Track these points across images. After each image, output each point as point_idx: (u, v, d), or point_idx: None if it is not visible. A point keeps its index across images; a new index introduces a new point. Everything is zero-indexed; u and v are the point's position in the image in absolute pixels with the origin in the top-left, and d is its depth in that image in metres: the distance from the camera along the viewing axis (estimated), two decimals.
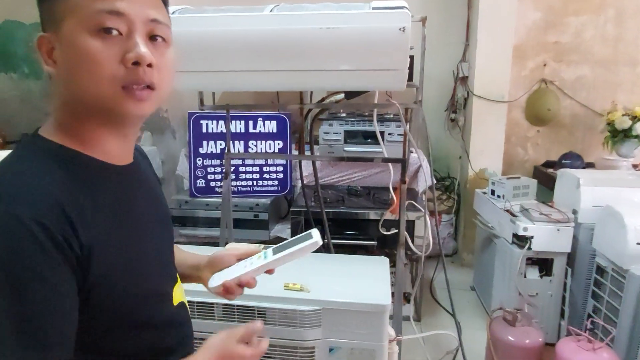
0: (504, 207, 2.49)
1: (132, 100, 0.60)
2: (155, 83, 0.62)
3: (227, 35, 1.28)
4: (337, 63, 1.30)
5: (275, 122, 2.58)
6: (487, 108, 3.18)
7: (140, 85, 0.61)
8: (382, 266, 1.41)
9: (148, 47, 0.61)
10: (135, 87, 0.60)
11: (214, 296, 1.26)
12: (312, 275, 1.34)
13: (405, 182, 1.68)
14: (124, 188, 0.68)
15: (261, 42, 1.29)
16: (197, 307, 1.25)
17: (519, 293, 2.33)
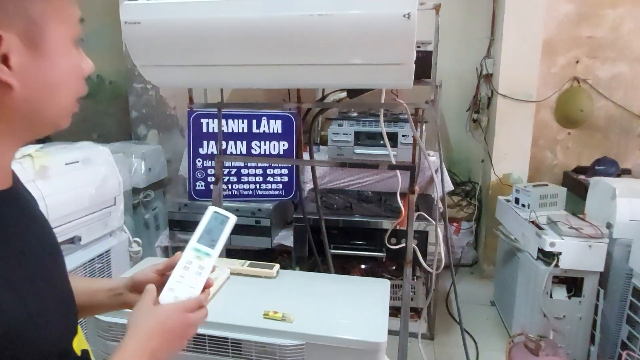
0: (529, 217, 2.26)
1: (70, 115, 0.58)
2: None
3: (205, 24, 1.11)
4: (331, 56, 1.12)
5: (280, 122, 2.41)
6: (512, 108, 2.93)
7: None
8: (382, 291, 1.22)
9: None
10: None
11: None
12: (297, 301, 1.17)
13: (415, 192, 1.48)
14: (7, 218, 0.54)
15: (245, 32, 1.12)
16: None
17: (543, 314, 2.10)
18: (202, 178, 2.45)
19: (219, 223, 0.79)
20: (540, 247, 2.07)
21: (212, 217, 0.79)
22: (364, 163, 1.97)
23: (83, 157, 1.79)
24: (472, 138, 3.33)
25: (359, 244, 2.22)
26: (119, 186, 1.97)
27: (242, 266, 1.33)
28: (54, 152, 1.68)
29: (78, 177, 1.73)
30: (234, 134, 2.40)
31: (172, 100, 3.45)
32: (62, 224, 1.65)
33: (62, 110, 0.56)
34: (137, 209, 2.97)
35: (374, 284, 1.27)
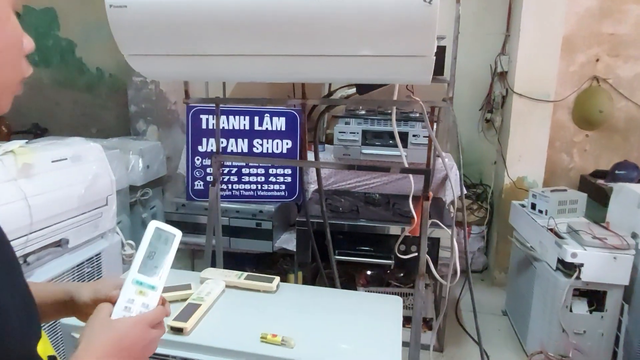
0: (547, 225, 2.12)
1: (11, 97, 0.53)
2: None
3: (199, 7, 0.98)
4: (341, 46, 0.99)
5: (284, 119, 2.28)
6: (529, 108, 2.78)
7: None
8: (394, 310, 1.09)
9: None
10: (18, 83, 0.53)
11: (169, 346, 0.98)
12: (299, 322, 1.04)
13: (429, 198, 1.35)
14: None
15: (243, 17, 0.99)
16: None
17: (562, 329, 1.97)
18: (200, 177, 2.32)
19: (163, 243, 0.69)
20: (560, 258, 1.94)
21: (153, 236, 0.68)
22: (374, 166, 1.83)
23: (72, 154, 1.66)
24: (485, 139, 3.19)
25: (365, 250, 2.09)
26: (111, 185, 1.84)
27: (239, 278, 1.20)
28: (39, 149, 1.56)
29: (66, 176, 1.61)
30: (235, 132, 2.28)
31: (173, 95, 3.32)
32: (47, 226, 1.53)
33: (3, 81, 0.50)
34: (134, 208, 2.85)
35: (384, 301, 1.14)
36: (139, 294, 0.65)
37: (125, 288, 0.65)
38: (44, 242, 1.53)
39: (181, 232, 0.71)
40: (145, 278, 0.66)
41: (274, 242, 2.27)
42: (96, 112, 3.73)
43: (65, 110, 3.77)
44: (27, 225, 1.42)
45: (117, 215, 2.50)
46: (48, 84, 3.77)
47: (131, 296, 0.65)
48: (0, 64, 0.49)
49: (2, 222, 1.26)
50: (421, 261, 1.37)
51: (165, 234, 0.69)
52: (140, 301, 0.65)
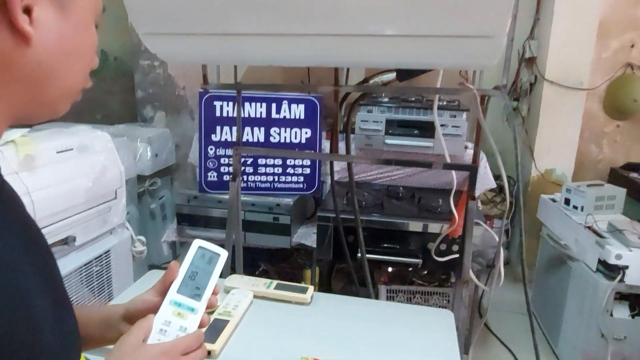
0: (584, 222, 1.98)
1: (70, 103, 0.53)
2: None
3: None
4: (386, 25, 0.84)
5: (303, 106, 2.13)
6: (560, 96, 2.62)
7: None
8: (447, 327, 0.96)
9: None
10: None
11: None
12: (342, 342, 0.91)
13: (475, 199, 1.21)
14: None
15: None
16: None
17: (601, 334, 1.84)
18: (214, 168, 2.19)
19: (206, 262, 0.64)
20: (602, 259, 1.80)
21: (196, 255, 0.65)
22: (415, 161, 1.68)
23: (78, 143, 1.53)
24: (509, 128, 3.03)
25: (390, 248, 1.96)
26: (120, 177, 1.71)
27: (268, 288, 1.07)
28: (43, 139, 1.42)
29: (72, 168, 1.48)
30: (251, 119, 2.13)
31: (182, 80, 3.17)
32: (52, 223, 1.40)
33: (68, 86, 0.51)
34: (142, 198, 2.73)
35: (434, 316, 1.01)
36: (177, 315, 0.60)
37: (162, 309, 0.60)
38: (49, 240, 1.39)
39: (227, 252, 0.66)
40: (184, 299, 0.61)
41: (291, 238, 2.15)
42: (101, 97, 3.57)
43: None
44: None
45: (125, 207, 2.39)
46: None
47: (168, 318, 0.59)
48: (75, 67, 0.51)
49: None
50: (465, 267, 1.24)
51: (209, 254, 0.65)
52: (177, 324, 0.59)
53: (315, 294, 1.08)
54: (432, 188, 2.33)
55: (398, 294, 2.13)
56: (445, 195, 2.16)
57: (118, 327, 0.65)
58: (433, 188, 2.33)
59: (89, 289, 1.56)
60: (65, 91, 0.51)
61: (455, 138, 2.12)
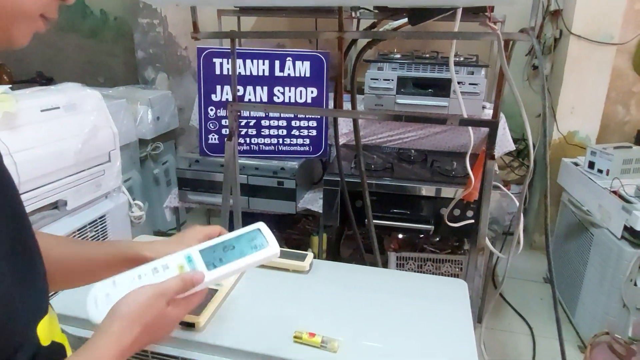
0: (610, 187, 1.85)
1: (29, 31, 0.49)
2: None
3: None
4: None
5: (308, 64, 1.99)
6: (588, 52, 2.42)
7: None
8: (460, 298, 0.86)
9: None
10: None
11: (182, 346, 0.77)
12: (341, 315, 0.82)
13: (494, 158, 1.09)
14: None
15: None
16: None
17: (623, 304, 1.74)
18: (215, 130, 2.08)
19: (250, 245, 0.60)
20: (628, 225, 1.68)
21: (250, 233, 0.61)
22: (428, 116, 1.55)
23: (66, 102, 1.43)
24: (530, 88, 2.85)
25: (401, 214, 1.86)
26: (114, 139, 1.62)
27: None
28: (25, 96, 1.32)
29: (58, 128, 1.38)
30: (253, 78, 2.00)
31: (183, 39, 3.03)
32: (38, 186, 1.32)
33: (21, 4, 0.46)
34: (144, 163, 2.65)
35: (445, 286, 0.91)
36: (179, 268, 0.56)
37: (171, 255, 0.58)
38: (37, 204, 1.32)
39: (279, 249, 0.62)
40: (198, 261, 0.57)
41: (297, 203, 2.05)
42: (102, 59, 3.46)
43: (69, 58, 3.52)
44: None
45: (127, 172, 2.30)
46: (50, 29, 3.48)
47: (169, 263, 0.56)
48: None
49: None
50: (481, 233, 1.13)
51: (261, 239, 0.60)
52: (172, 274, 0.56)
53: (316, 261, 0.99)
54: (447, 151, 2.20)
55: (408, 261, 2.04)
56: (460, 158, 2.03)
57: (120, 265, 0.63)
58: (447, 151, 2.20)
59: None
60: (19, 12, 0.46)
61: (473, 97, 1.97)
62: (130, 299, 0.53)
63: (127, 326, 0.51)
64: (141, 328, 0.51)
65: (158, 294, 0.53)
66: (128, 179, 2.33)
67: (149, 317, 0.52)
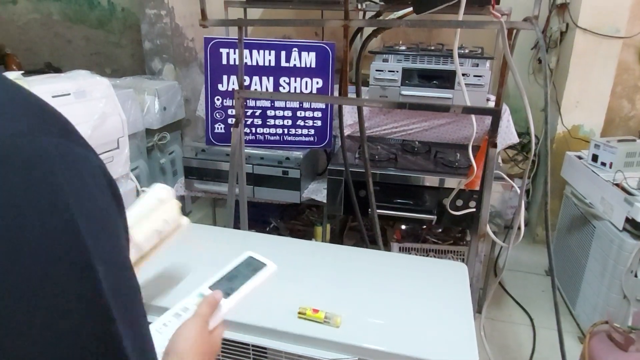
0: (612, 179, 1.86)
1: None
2: None
3: None
4: None
5: (314, 54, 2.01)
6: (594, 45, 2.43)
7: None
8: (460, 280, 0.89)
9: None
10: None
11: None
12: (346, 294, 0.84)
13: (496, 146, 1.11)
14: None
15: None
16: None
17: (623, 295, 1.76)
18: (221, 119, 2.10)
19: (250, 270, 0.65)
20: (630, 217, 1.69)
21: (243, 263, 0.67)
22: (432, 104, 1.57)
23: (76, 88, 1.45)
24: (535, 82, 2.86)
25: (404, 204, 1.88)
26: (122, 126, 1.64)
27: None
28: (37, 82, 1.35)
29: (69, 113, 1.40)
30: (259, 68, 2.02)
31: (190, 31, 3.05)
32: None
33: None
34: (151, 153, 2.68)
35: (447, 269, 0.94)
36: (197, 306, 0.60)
37: (187, 298, 0.62)
38: None
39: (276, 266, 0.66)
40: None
41: (301, 193, 2.08)
42: (110, 50, 3.49)
43: (77, 49, 3.55)
44: None
45: (134, 161, 2.34)
46: (58, 20, 3.52)
47: (188, 305, 0.60)
48: None
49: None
50: (482, 219, 1.15)
51: (256, 263, 0.66)
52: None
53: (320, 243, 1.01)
54: (450, 143, 2.22)
55: (411, 252, 2.06)
56: (464, 150, 2.05)
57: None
58: (451, 143, 2.22)
59: None
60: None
61: (477, 88, 1.99)
62: (184, 336, 0.55)
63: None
64: (200, 357, 0.55)
65: (203, 323, 0.57)
66: (135, 168, 2.36)
67: (204, 347, 0.56)
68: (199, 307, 0.58)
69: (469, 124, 2.11)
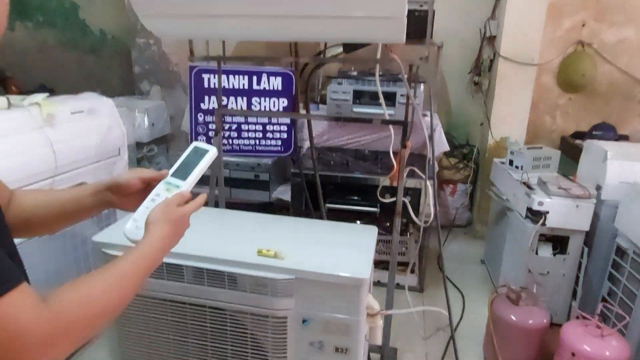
0: (520, 178, 2.32)
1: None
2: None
3: None
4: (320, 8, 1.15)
5: (280, 79, 2.44)
6: (514, 71, 2.93)
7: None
8: (369, 236, 1.30)
9: None
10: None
11: (183, 258, 1.19)
12: (289, 242, 1.25)
13: (406, 147, 1.54)
14: None
15: None
16: (166, 268, 1.18)
17: (528, 270, 2.20)
18: (203, 132, 2.51)
19: (198, 156, 0.81)
20: (529, 207, 2.14)
21: (191, 151, 0.82)
22: (358, 118, 2.01)
23: (88, 107, 1.84)
24: (473, 101, 3.35)
25: (354, 200, 2.30)
26: (122, 137, 2.03)
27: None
28: (59, 101, 1.73)
29: (83, 126, 1.80)
30: (235, 90, 2.44)
31: (175, 57, 3.46)
32: (69, 170, 1.73)
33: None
34: (141, 163, 3.05)
35: (362, 230, 1.35)
36: (165, 190, 0.78)
37: (156, 188, 0.78)
38: (67, 184, 1.73)
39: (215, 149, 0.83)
40: (173, 180, 0.79)
41: (270, 193, 2.48)
42: (101, 74, 3.86)
43: (70, 72, 3.91)
44: (52, 168, 1.62)
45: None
46: (53, 45, 3.88)
47: (158, 192, 0.78)
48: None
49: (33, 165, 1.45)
50: (398, 201, 1.57)
51: (201, 150, 0.82)
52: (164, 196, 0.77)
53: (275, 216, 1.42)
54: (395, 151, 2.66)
55: None
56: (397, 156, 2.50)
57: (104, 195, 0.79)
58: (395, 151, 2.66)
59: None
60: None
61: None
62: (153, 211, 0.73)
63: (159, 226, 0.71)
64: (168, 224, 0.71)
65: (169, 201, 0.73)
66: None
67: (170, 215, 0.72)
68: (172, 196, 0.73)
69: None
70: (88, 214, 0.83)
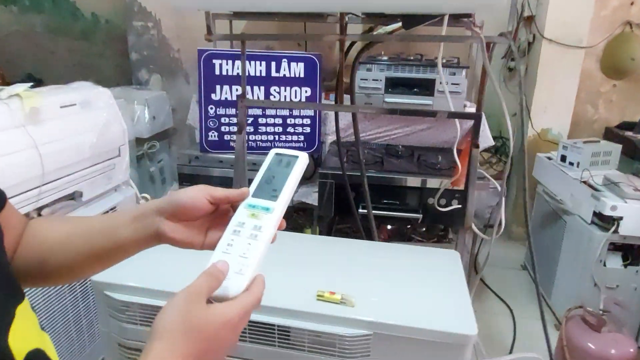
0: (580, 177, 2.03)
1: None
2: None
3: None
4: None
5: (302, 65, 2.12)
6: (559, 55, 2.63)
7: None
8: (454, 265, 1.00)
9: None
10: None
11: None
12: (356, 279, 0.95)
13: (478, 147, 1.24)
14: None
15: None
16: None
17: (594, 284, 1.92)
18: (215, 127, 2.18)
19: (284, 166, 0.60)
20: (597, 211, 1.86)
21: (273, 160, 0.61)
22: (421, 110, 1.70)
23: (81, 99, 1.52)
24: (506, 89, 3.04)
25: (391, 204, 2.00)
26: (123, 134, 1.71)
27: None
28: (46, 93, 1.41)
29: (76, 123, 1.47)
30: (251, 78, 2.11)
31: (176, 42, 3.11)
32: (60, 177, 1.41)
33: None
34: (141, 161, 2.72)
35: (441, 256, 1.05)
36: (251, 216, 0.56)
37: (236, 214, 0.57)
38: (57, 194, 1.41)
39: (306, 154, 0.61)
40: (258, 201, 0.57)
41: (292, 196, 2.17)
42: (93, 61, 3.51)
43: (60, 60, 3.55)
44: (39, 175, 1.30)
45: None
46: (41, 32, 3.52)
47: (242, 219, 0.56)
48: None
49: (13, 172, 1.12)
50: (468, 213, 1.27)
51: (287, 158, 0.60)
52: (251, 224, 0.55)
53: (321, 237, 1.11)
54: (431, 147, 2.36)
55: None
56: (444, 153, 2.19)
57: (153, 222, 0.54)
58: (432, 147, 2.36)
59: None
60: None
61: (455, 95, 2.13)
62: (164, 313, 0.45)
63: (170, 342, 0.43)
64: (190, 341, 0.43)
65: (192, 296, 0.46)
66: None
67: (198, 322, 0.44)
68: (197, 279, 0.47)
69: (448, 128, 2.26)
70: (125, 253, 0.56)
